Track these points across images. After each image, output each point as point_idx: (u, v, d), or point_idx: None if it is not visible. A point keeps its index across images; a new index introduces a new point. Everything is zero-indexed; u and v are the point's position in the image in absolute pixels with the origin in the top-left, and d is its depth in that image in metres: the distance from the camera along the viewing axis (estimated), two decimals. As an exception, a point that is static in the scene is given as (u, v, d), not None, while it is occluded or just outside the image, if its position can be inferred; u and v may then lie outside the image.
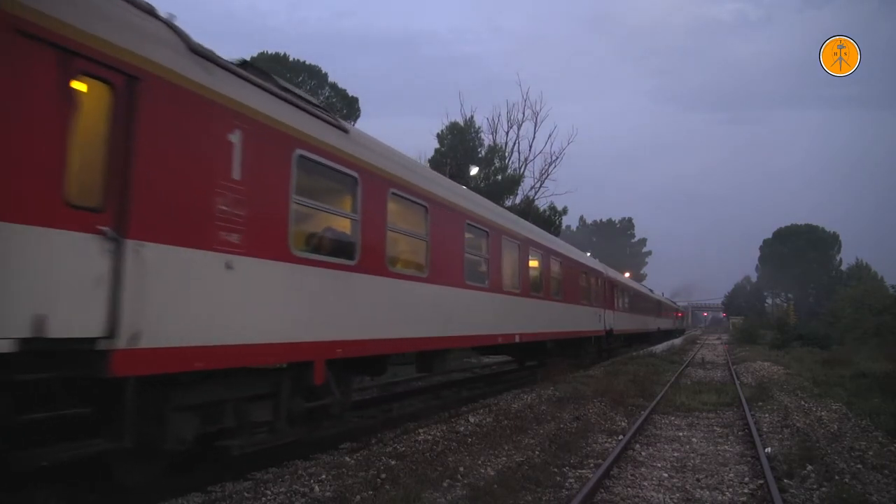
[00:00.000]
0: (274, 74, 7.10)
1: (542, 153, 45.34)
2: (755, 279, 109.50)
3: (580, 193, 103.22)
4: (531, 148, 38.88)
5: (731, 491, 6.62)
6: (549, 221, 35.52)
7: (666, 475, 7.21)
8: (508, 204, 34.07)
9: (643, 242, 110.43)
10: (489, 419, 9.70)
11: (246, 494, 5.82)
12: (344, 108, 34.69)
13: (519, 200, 36.57)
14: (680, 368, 21.95)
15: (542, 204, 38.16)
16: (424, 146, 59.21)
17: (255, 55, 33.63)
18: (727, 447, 8.85)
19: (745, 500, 6.34)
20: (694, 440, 9.31)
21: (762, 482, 6.76)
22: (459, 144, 36.60)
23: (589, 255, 26.97)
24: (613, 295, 25.39)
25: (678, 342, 45.93)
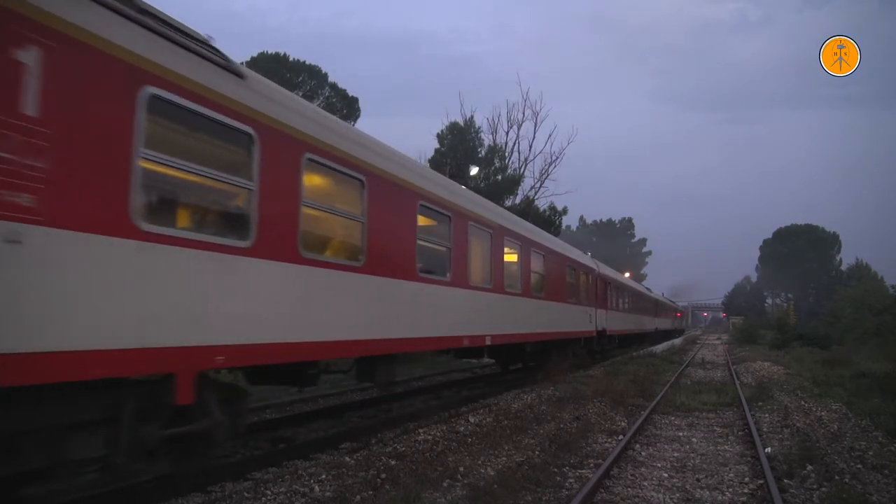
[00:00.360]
0: (274, 75, 6.70)
1: (542, 153, 45.38)
2: (755, 279, 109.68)
3: (580, 193, 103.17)
4: (531, 148, 38.86)
5: (731, 491, 6.63)
6: (549, 221, 35.51)
7: (666, 475, 7.22)
8: (508, 204, 34.06)
9: (643, 242, 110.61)
10: (489, 419, 9.70)
11: (246, 494, 5.82)
12: (344, 108, 34.68)
13: (519, 200, 36.57)
14: (680, 368, 21.96)
15: (542, 204, 38.17)
16: (424, 146, 59.32)
17: (255, 55, 33.66)
18: (727, 447, 8.85)
19: (745, 500, 6.35)
20: (694, 440, 9.32)
21: (762, 482, 6.76)
22: (459, 144, 36.58)
23: (590, 255, 26.46)
24: (606, 293, 24.19)
25: (678, 342, 45.94)
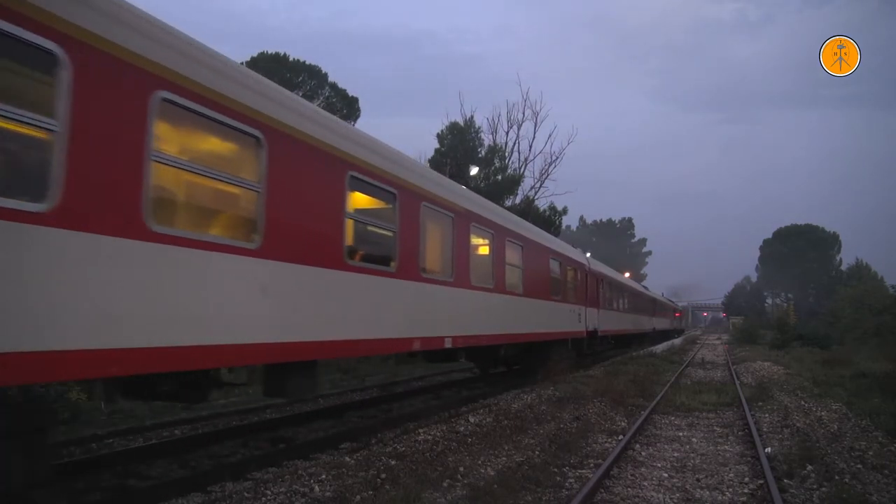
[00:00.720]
0: (274, 74, 6.24)
1: (542, 153, 45.49)
2: (755, 279, 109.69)
3: (580, 193, 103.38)
4: (531, 148, 38.85)
5: (731, 491, 6.62)
6: (549, 221, 35.52)
7: (666, 475, 7.22)
8: (508, 204, 34.06)
9: (643, 242, 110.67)
10: (489, 419, 9.70)
11: (246, 494, 5.82)
12: (344, 108, 34.69)
13: (519, 200, 36.58)
14: (680, 368, 21.96)
15: (542, 204, 38.18)
16: (424, 146, 59.33)
17: (255, 55, 33.66)
18: (727, 447, 8.85)
19: (745, 500, 6.35)
20: (694, 440, 9.32)
21: (762, 482, 6.76)
22: (459, 144, 36.58)
23: (590, 255, 26.20)
24: (599, 291, 22.76)
25: (678, 342, 45.95)
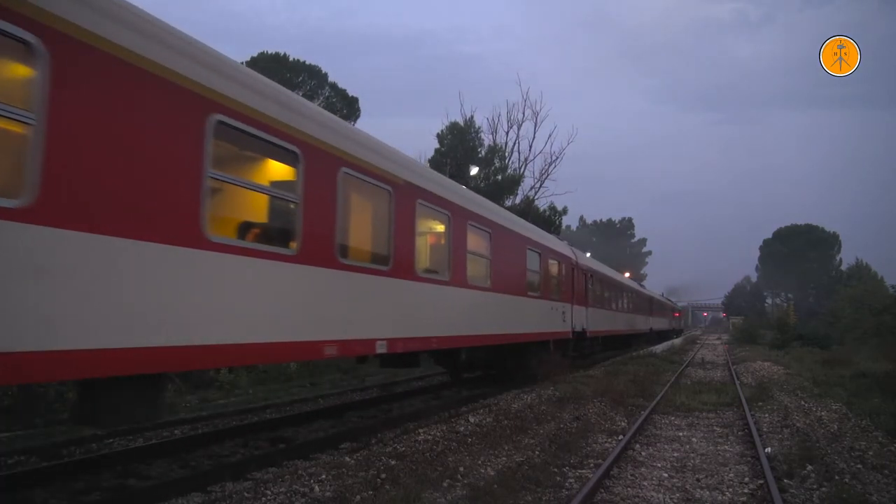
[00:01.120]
0: (274, 74, 6.09)
1: (542, 153, 45.42)
2: (755, 279, 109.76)
3: (580, 193, 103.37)
4: (531, 148, 38.86)
5: (731, 491, 6.62)
6: (549, 221, 35.53)
7: (666, 475, 7.22)
8: (508, 204, 34.05)
9: (643, 242, 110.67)
10: (489, 419, 9.69)
11: (246, 494, 5.81)
12: (344, 108, 34.68)
13: (519, 200, 36.59)
14: (680, 368, 21.96)
15: (542, 204, 38.20)
16: (424, 146, 59.30)
17: (254, 55, 33.65)
18: (727, 447, 8.85)
19: (745, 500, 6.34)
20: (694, 440, 9.32)
21: (762, 482, 6.76)
22: (459, 144, 36.59)
23: (590, 255, 25.90)
24: (587, 287, 20.83)
25: (678, 342, 45.96)
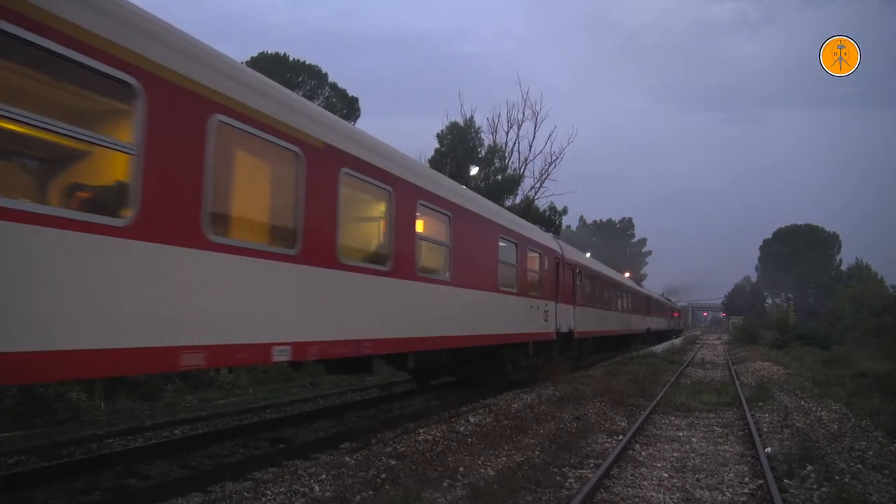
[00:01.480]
0: (274, 74, 6.06)
1: (542, 153, 45.35)
2: (755, 279, 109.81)
3: (580, 193, 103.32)
4: (531, 148, 38.87)
5: (731, 491, 6.62)
6: (549, 221, 35.52)
7: (666, 475, 7.22)
8: (508, 204, 34.05)
9: (643, 242, 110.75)
10: (489, 419, 9.69)
11: (246, 494, 5.81)
12: (344, 108, 34.68)
13: (519, 200, 36.60)
14: (680, 368, 21.97)
15: (542, 204, 38.21)
16: (424, 146, 59.26)
17: (254, 55, 33.65)
18: (727, 447, 8.85)
19: (745, 500, 6.34)
20: (694, 440, 9.32)
21: (762, 482, 6.76)
22: (459, 144, 36.59)
23: (589, 254, 25.70)
24: (575, 284, 19.07)
25: (678, 342, 45.96)
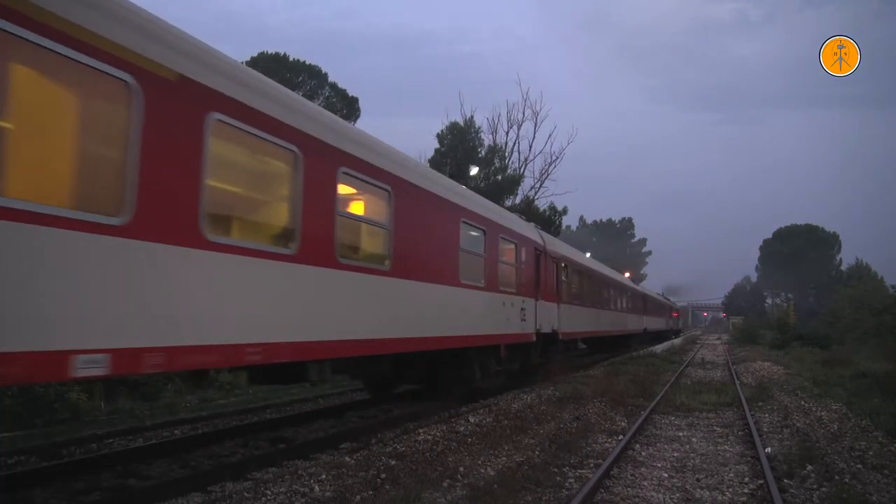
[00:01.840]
0: (274, 74, 6.17)
1: (542, 153, 45.42)
2: (755, 279, 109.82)
3: (580, 193, 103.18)
4: (531, 148, 38.96)
5: (731, 491, 6.62)
6: (549, 221, 35.51)
7: (666, 475, 7.22)
8: (508, 204, 34.06)
9: (643, 242, 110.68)
10: (489, 419, 9.70)
11: (246, 494, 5.81)
12: (344, 108, 34.67)
13: (519, 200, 36.61)
14: (680, 368, 21.97)
15: (542, 204, 38.25)
16: (424, 146, 59.25)
17: (254, 55, 33.64)
18: (727, 447, 8.85)
19: (745, 500, 6.34)
20: (694, 440, 9.31)
21: (762, 482, 6.76)
22: (459, 144, 36.59)
23: (590, 255, 25.61)
24: (559, 280, 17.36)
25: (678, 342, 45.97)
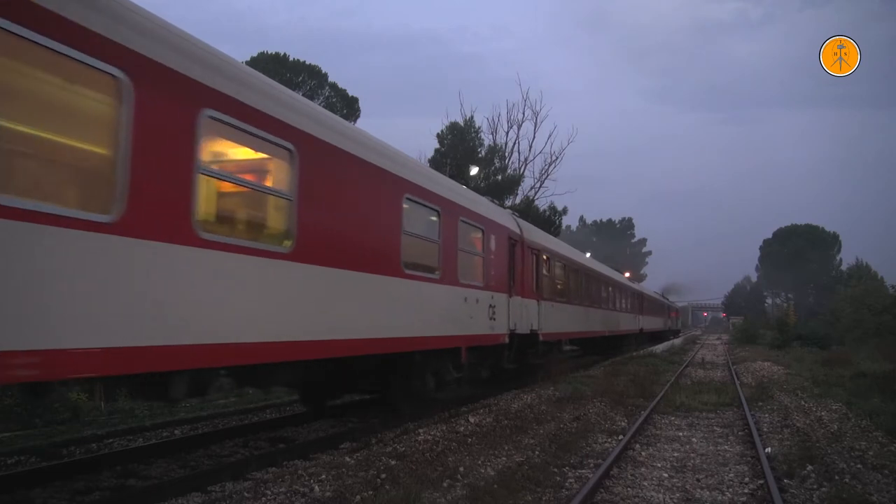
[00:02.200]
0: (274, 74, 5.97)
1: (541, 153, 45.42)
2: (755, 279, 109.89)
3: (580, 193, 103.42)
4: (531, 148, 38.99)
5: (731, 491, 6.62)
6: (549, 221, 35.51)
7: (666, 475, 7.22)
8: (508, 204, 34.06)
9: (643, 242, 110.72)
10: (489, 419, 9.69)
11: (246, 494, 5.81)
12: (344, 108, 34.69)
13: (519, 200, 36.61)
14: (680, 368, 21.97)
15: (542, 204, 38.24)
16: (424, 146, 59.24)
17: (255, 55, 33.66)
18: (727, 447, 8.85)
19: (745, 500, 6.34)
20: (694, 440, 9.31)
21: (762, 482, 6.76)
22: (459, 144, 36.60)
23: (589, 255, 25.60)
24: (539, 273, 15.36)
25: (678, 342, 45.98)
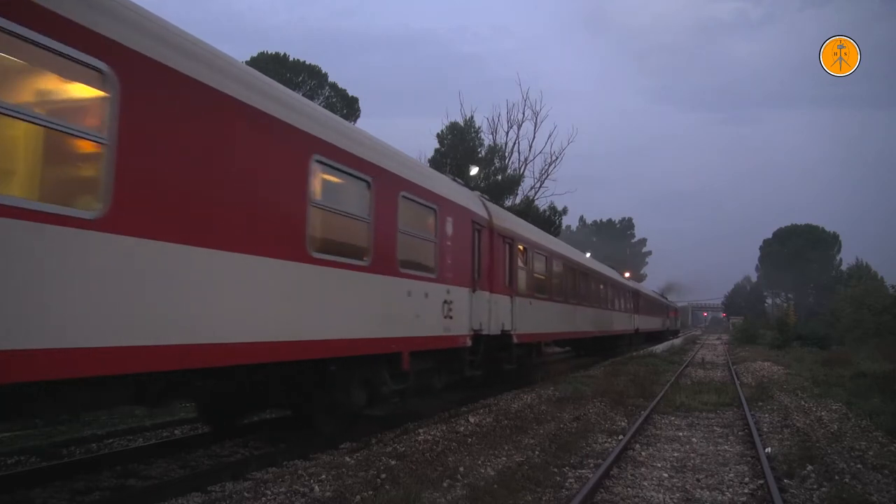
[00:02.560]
0: (274, 74, 5.92)
1: (541, 153, 45.42)
2: (755, 279, 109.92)
3: (580, 193, 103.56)
4: (531, 148, 39.01)
5: (731, 491, 6.62)
6: (548, 221, 35.51)
7: (666, 475, 7.22)
8: (508, 204, 34.06)
9: (643, 242, 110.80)
10: (489, 419, 9.70)
11: (246, 494, 5.81)
12: (344, 108, 34.70)
13: (519, 200, 36.61)
14: (680, 368, 21.97)
15: (542, 204, 38.24)
16: (424, 146, 59.23)
17: (255, 55, 33.67)
18: (727, 447, 8.85)
19: (745, 500, 6.34)
20: (694, 440, 9.31)
21: (762, 482, 6.76)
22: (459, 144, 36.62)
23: (591, 252, 25.57)
24: (512, 266, 13.59)
25: (678, 342, 45.99)
